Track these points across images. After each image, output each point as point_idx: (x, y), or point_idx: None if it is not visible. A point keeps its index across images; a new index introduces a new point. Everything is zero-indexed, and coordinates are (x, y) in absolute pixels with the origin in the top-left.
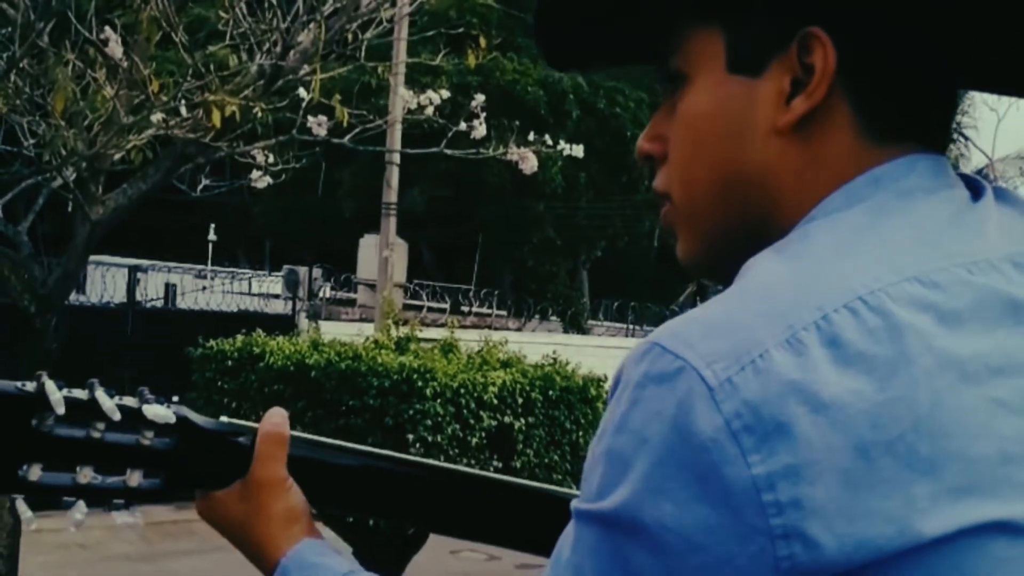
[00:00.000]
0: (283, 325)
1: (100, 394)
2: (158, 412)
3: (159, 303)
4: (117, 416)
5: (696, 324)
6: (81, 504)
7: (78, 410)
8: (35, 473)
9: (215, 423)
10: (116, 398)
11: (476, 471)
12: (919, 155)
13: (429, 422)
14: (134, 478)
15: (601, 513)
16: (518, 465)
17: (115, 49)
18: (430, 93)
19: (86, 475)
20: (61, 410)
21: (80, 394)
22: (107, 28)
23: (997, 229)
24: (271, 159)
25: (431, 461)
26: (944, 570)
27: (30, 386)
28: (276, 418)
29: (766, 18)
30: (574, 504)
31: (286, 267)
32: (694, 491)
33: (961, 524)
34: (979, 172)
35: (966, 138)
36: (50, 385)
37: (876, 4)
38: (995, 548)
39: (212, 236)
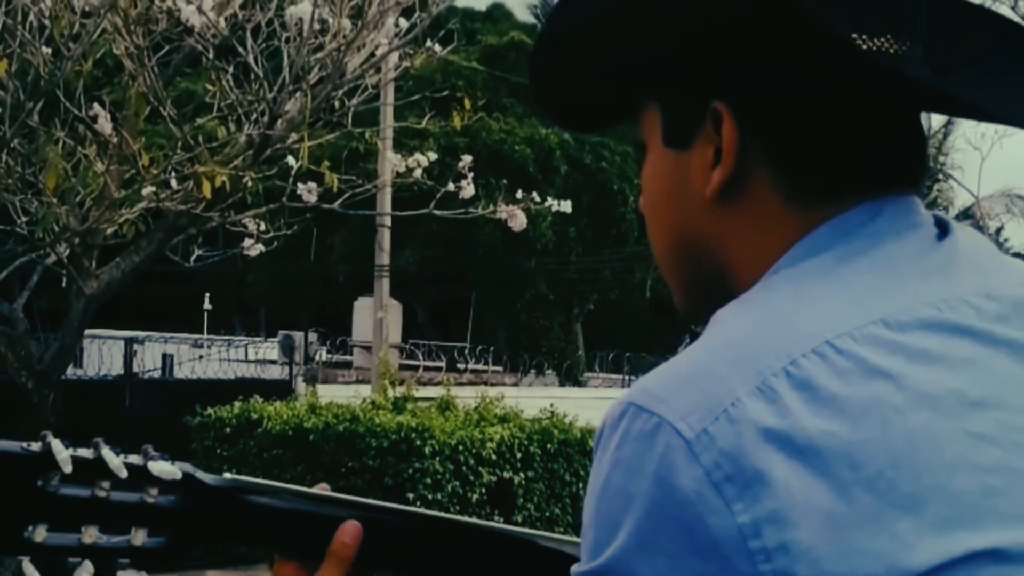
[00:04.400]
0: (280, 390)
1: (106, 452)
2: (164, 468)
3: (156, 374)
4: (124, 474)
5: (668, 379)
6: (87, 564)
7: (84, 469)
8: (40, 534)
9: (220, 479)
10: (122, 456)
11: (483, 522)
12: (884, 199)
13: (429, 480)
14: (139, 536)
15: (597, 572)
16: (519, 519)
17: (104, 125)
18: (418, 156)
19: (91, 535)
20: (68, 469)
21: (86, 453)
22: (96, 105)
23: (967, 266)
24: (263, 227)
25: (440, 513)
26: None
27: (36, 446)
28: (347, 538)
29: (683, 95)
30: (573, 570)
31: (282, 332)
32: (684, 543)
33: (948, 556)
34: (966, 211)
35: (949, 177)
36: (56, 444)
37: (770, 79)
38: None
39: (207, 305)
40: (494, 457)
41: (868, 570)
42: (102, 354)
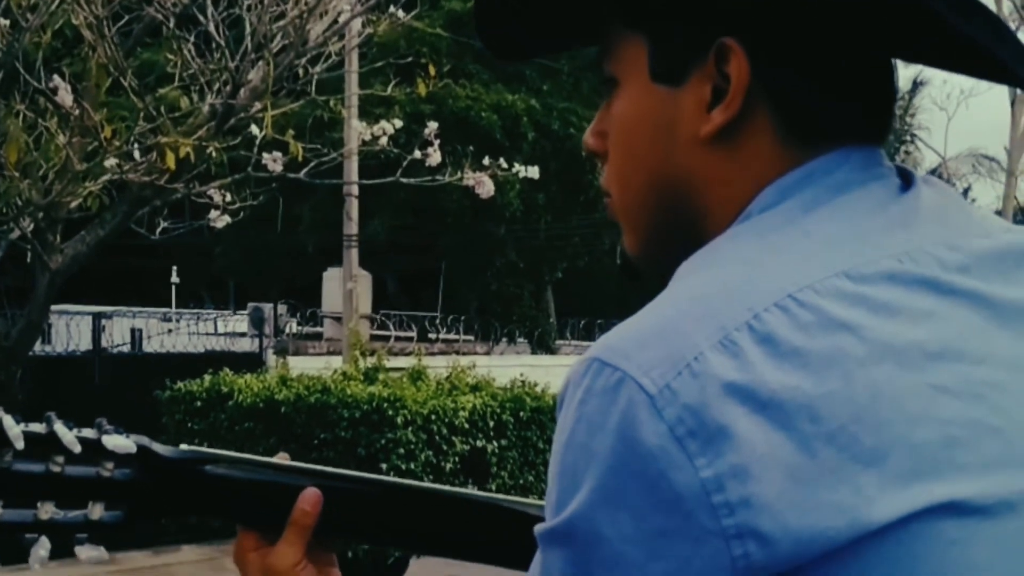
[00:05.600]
0: (251, 363)
1: (59, 427)
2: (118, 442)
3: (125, 348)
4: (77, 449)
5: (632, 334)
6: (44, 540)
7: (37, 444)
8: None
9: (176, 451)
10: (75, 430)
11: (450, 488)
12: (851, 149)
13: (402, 450)
14: (96, 511)
15: (560, 530)
16: (493, 488)
17: (65, 97)
18: (383, 124)
19: (47, 510)
20: (20, 445)
21: (38, 428)
22: (56, 77)
23: (928, 217)
24: (228, 198)
25: (404, 480)
26: (897, 555)
27: None
28: (307, 506)
29: (683, 29)
30: (537, 529)
31: (251, 305)
32: (646, 499)
33: (910, 508)
34: (933, 171)
35: (916, 138)
36: (8, 420)
37: (786, 15)
38: (945, 530)
39: (175, 279)
40: (467, 426)
41: (830, 523)
42: (70, 330)
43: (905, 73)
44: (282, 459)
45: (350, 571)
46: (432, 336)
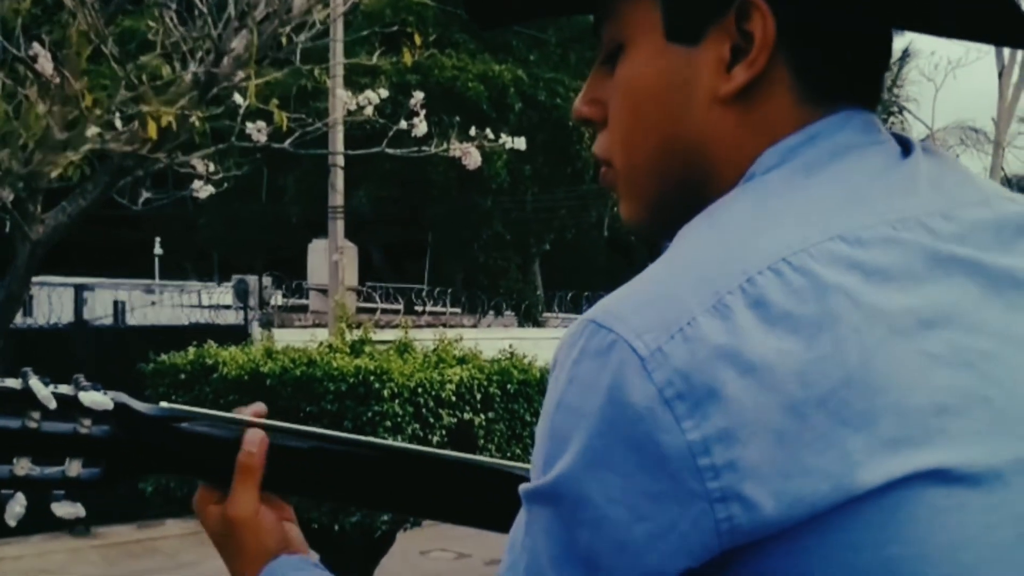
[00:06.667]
0: (235, 335)
1: (34, 382)
2: (95, 399)
3: (108, 321)
4: (53, 404)
5: (627, 298)
6: (20, 496)
7: (12, 400)
8: None
9: (154, 408)
10: (51, 386)
11: (430, 449)
12: (852, 112)
13: (388, 423)
14: (73, 467)
15: (546, 490)
16: None
17: (45, 65)
18: (369, 93)
19: (24, 466)
20: None
21: (13, 383)
22: (36, 44)
23: (927, 184)
24: (212, 168)
25: (398, 444)
26: (881, 521)
27: None
28: (251, 447)
29: None
30: (522, 488)
31: (235, 277)
32: (633, 460)
33: (896, 474)
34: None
35: (904, 109)
36: None
37: None
38: (931, 497)
39: (158, 250)
40: (454, 399)
41: (815, 488)
42: (51, 301)
43: (894, 44)
44: (257, 412)
45: (338, 544)
46: (418, 308)
